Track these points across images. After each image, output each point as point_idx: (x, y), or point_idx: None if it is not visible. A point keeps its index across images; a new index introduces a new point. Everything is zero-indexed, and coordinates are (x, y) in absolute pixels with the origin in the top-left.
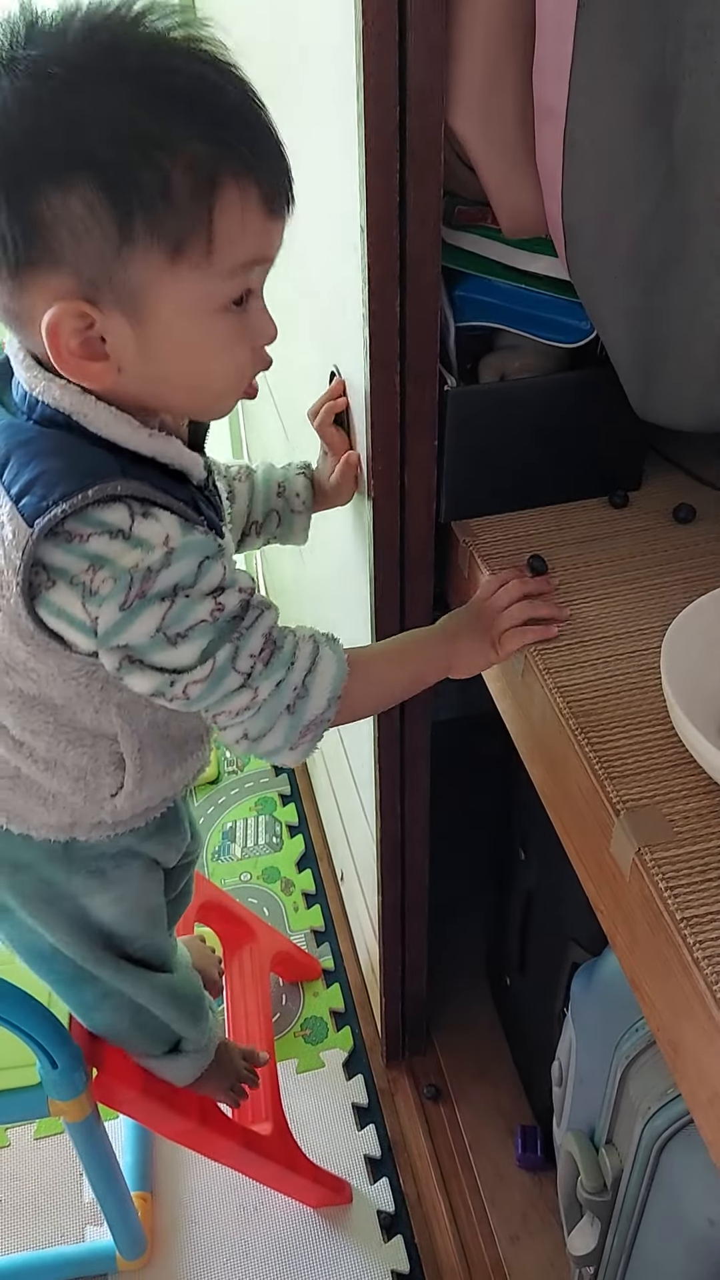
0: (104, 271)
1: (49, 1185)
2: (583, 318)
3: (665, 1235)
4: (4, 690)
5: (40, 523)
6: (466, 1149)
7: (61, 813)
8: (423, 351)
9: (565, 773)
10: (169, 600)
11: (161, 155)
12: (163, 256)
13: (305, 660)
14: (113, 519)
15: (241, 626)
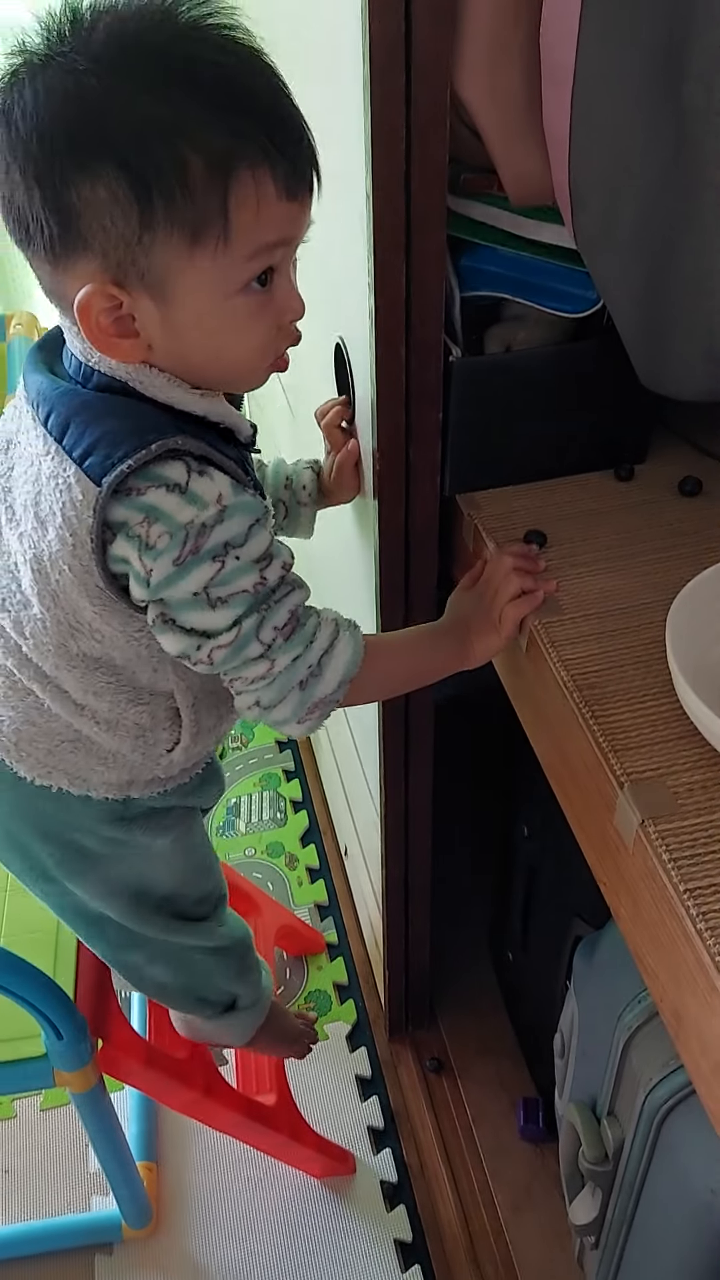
0: (129, 256)
1: (55, 1155)
2: (589, 287)
3: (666, 1204)
4: (69, 654)
5: (108, 480)
6: (469, 1121)
7: (120, 770)
8: (428, 322)
9: (569, 746)
10: (220, 560)
11: (179, 145)
12: (182, 243)
13: (324, 640)
14: (171, 474)
15: (273, 599)
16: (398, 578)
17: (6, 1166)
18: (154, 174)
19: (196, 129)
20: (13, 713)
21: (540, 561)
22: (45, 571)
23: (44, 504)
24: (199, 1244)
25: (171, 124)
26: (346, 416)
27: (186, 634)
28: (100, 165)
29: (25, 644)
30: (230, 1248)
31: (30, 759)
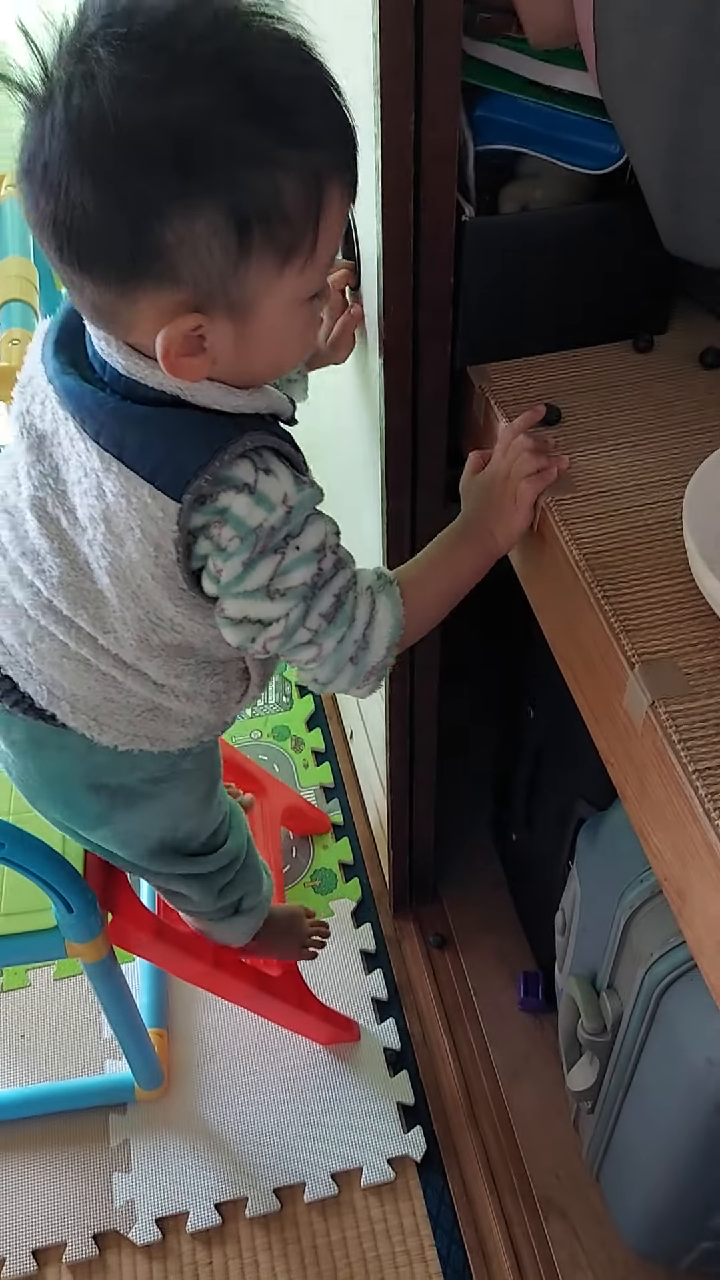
0: (221, 286)
1: (69, 1022)
2: (612, 140)
3: (663, 1073)
4: (150, 645)
5: (188, 496)
6: (470, 993)
7: (196, 727)
8: (439, 177)
9: (580, 627)
10: (280, 553)
11: (275, 173)
12: (274, 265)
13: (364, 614)
14: (240, 475)
15: (319, 587)
16: (405, 454)
17: (24, 1032)
18: (254, 205)
19: (284, 151)
20: (88, 692)
21: (550, 439)
22: (125, 578)
23: (117, 520)
24: (208, 1105)
25: (262, 151)
26: (351, 282)
27: (249, 625)
28: (200, 200)
29: (103, 638)
30: (239, 1108)
31: (113, 730)
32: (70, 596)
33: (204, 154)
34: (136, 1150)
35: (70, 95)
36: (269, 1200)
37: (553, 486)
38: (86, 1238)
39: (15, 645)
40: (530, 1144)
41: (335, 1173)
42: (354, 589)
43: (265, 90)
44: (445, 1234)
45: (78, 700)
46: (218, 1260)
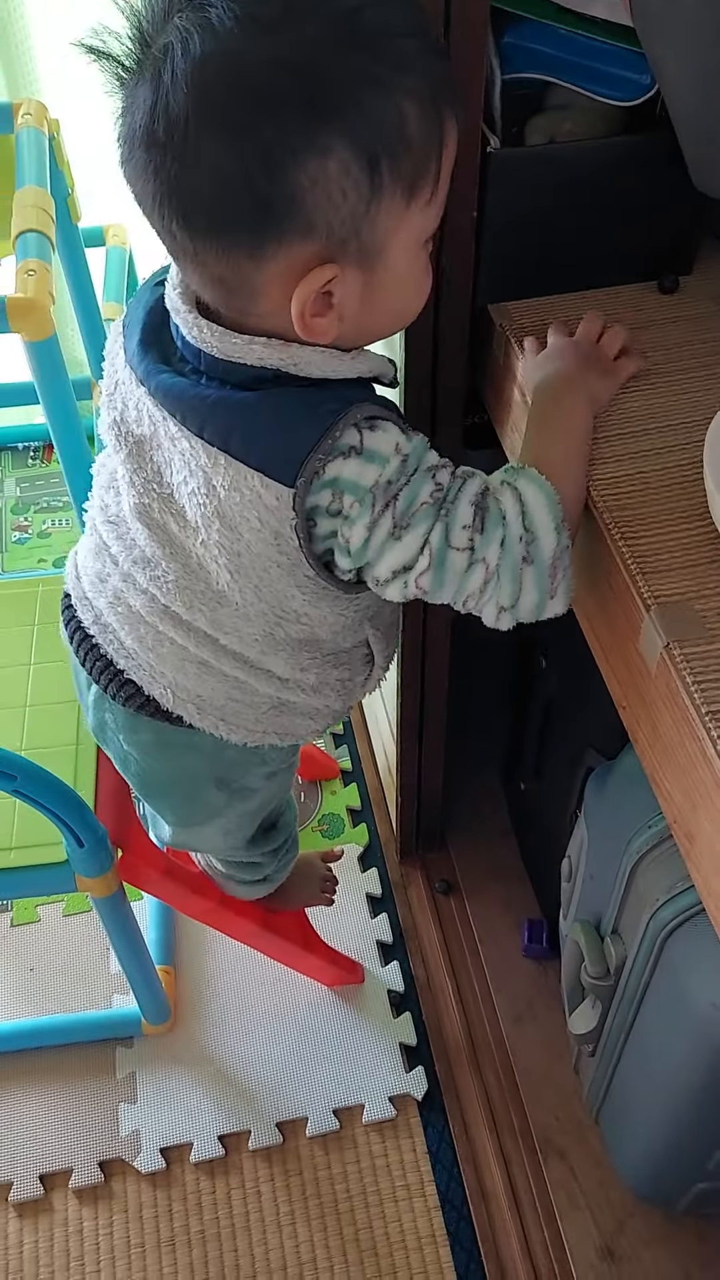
0: (354, 229)
1: (78, 958)
2: (643, 71)
3: (666, 1017)
4: (275, 640)
5: (301, 480)
6: (475, 938)
7: (323, 718)
8: (465, 105)
9: (596, 569)
10: (396, 498)
11: (397, 98)
12: (401, 201)
13: (514, 506)
14: (346, 440)
15: (447, 502)
16: (424, 394)
17: (33, 965)
18: (377, 134)
19: (401, 74)
20: (212, 693)
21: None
22: (248, 572)
23: (232, 514)
24: (214, 1040)
25: (381, 76)
26: None
27: (399, 575)
28: (328, 140)
29: (224, 638)
30: (243, 1044)
31: (241, 729)
32: (186, 600)
33: (328, 87)
34: (142, 1082)
35: (188, 45)
36: (271, 1133)
37: None
38: (93, 1165)
39: (137, 650)
40: (531, 1086)
41: (337, 1109)
42: (489, 491)
43: (374, 19)
44: (445, 1171)
45: (203, 701)
46: (220, 1190)
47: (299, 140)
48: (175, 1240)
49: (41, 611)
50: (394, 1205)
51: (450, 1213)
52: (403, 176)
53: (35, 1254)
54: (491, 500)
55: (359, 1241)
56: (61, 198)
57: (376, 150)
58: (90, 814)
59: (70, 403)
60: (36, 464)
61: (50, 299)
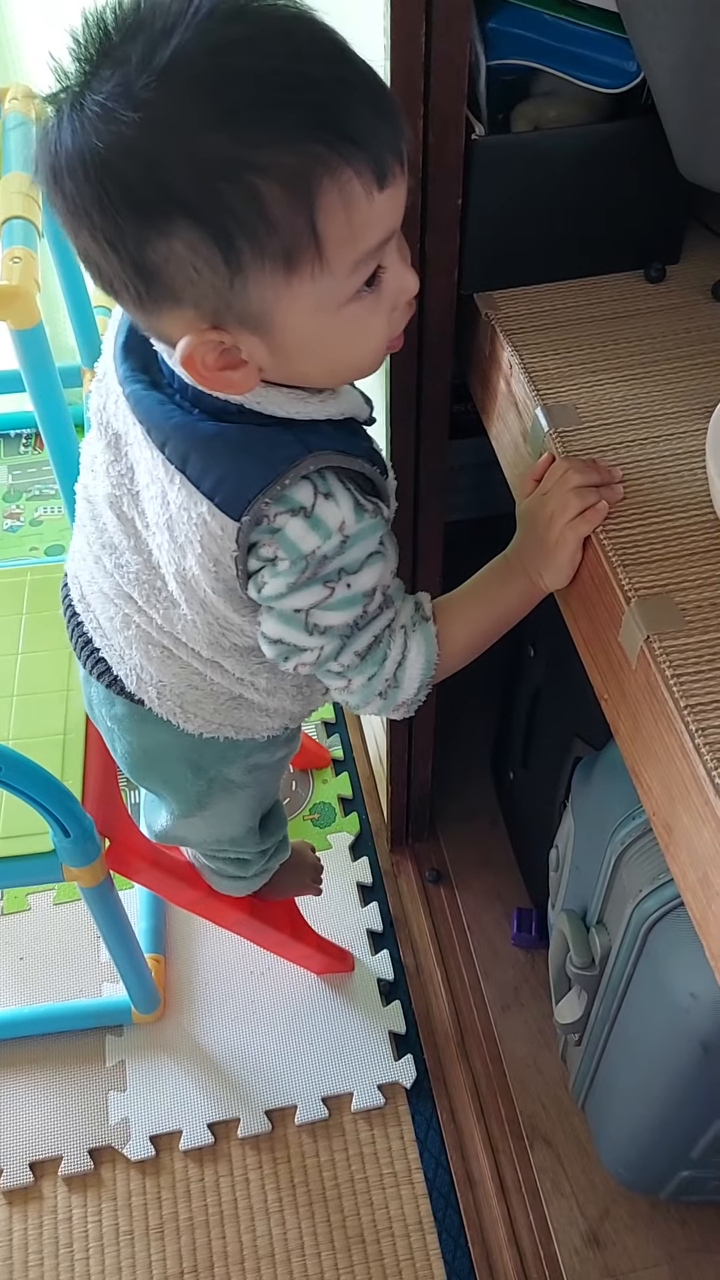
0: (223, 302)
1: (68, 946)
2: (629, 57)
3: (648, 1006)
4: (222, 647)
5: (247, 518)
6: (464, 927)
7: (281, 717)
8: (448, 91)
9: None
10: (331, 586)
11: (248, 176)
12: (277, 275)
13: (396, 654)
14: (299, 497)
15: (356, 630)
16: (409, 384)
17: (22, 954)
18: (229, 216)
19: (261, 154)
20: (174, 679)
21: (613, 470)
22: (189, 586)
23: (179, 531)
24: (203, 1029)
25: (232, 157)
26: None
27: (283, 645)
28: (170, 222)
29: (177, 633)
30: (233, 1033)
31: (198, 718)
32: (144, 594)
33: (171, 173)
34: (132, 1070)
35: (60, 128)
36: (260, 1121)
37: (555, 418)
38: (82, 1152)
39: (108, 629)
40: (518, 1074)
41: (326, 1096)
42: (390, 627)
43: (231, 91)
44: (432, 1158)
45: (164, 687)
46: (209, 1177)
47: (141, 224)
48: (164, 1227)
49: (30, 601)
50: (382, 1192)
51: (437, 1199)
52: (271, 254)
53: (25, 1241)
54: (385, 638)
55: (347, 1228)
56: None
57: (229, 230)
58: (76, 804)
59: (57, 391)
60: (28, 451)
61: (36, 286)
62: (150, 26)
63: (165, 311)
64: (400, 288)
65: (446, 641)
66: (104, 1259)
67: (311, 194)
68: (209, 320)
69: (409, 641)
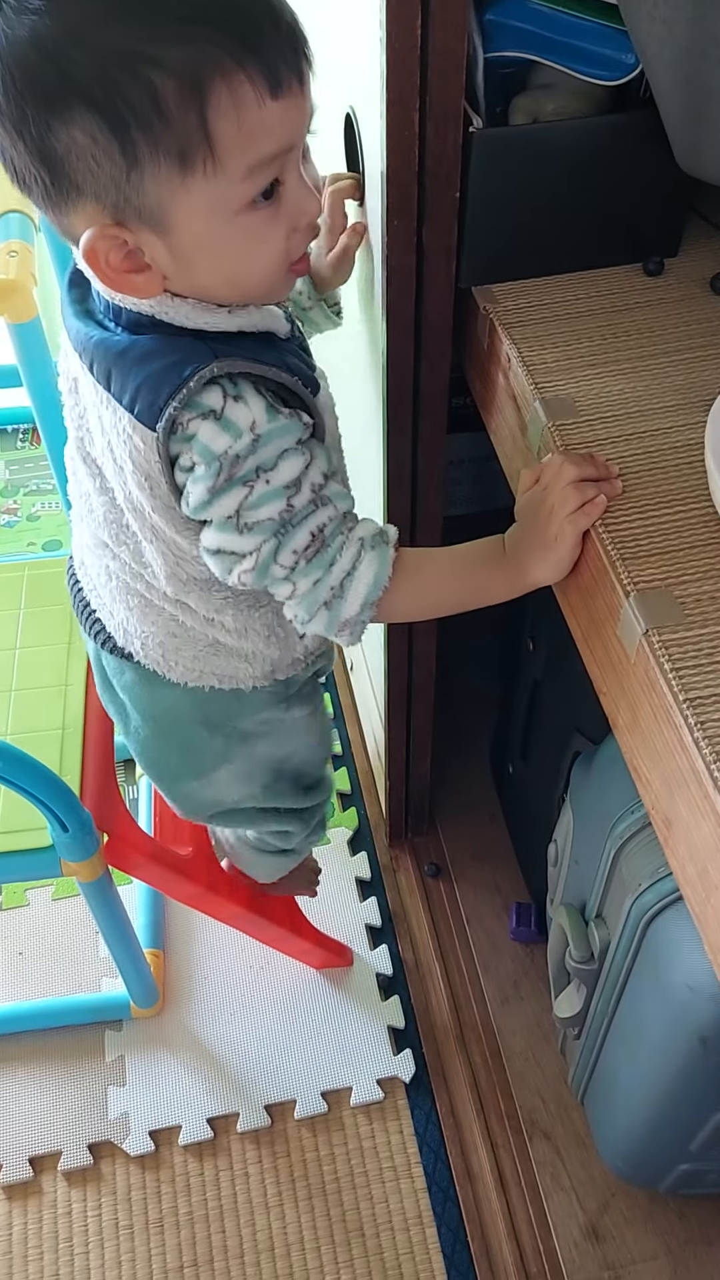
0: (121, 194)
1: (67, 941)
2: (627, 50)
3: (647, 1000)
4: (181, 580)
5: (160, 424)
6: (463, 921)
7: (262, 664)
8: (447, 85)
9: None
10: (249, 485)
11: (143, 70)
12: (172, 172)
13: (346, 562)
14: (209, 401)
15: (293, 522)
16: (406, 378)
17: (21, 950)
18: (125, 107)
19: (157, 48)
20: (153, 628)
21: (610, 465)
22: (138, 511)
23: (117, 452)
24: (202, 1024)
25: (130, 50)
26: (355, 194)
27: (224, 556)
28: (71, 109)
29: (145, 572)
30: (232, 1027)
31: (179, 667)
32: (113, 533)
33: (72, 62)
34: (131, 1065)
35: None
36: (260, 1116)
37: (554, 411)
38: (81, 1147)
39: (98, 585)
40: (517, 1068)
41: (325, 1091)
42: (343, 533)
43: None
44: (431, 1153)
45: (147, 638)
46: (209, 1172)
47: (45, 110)
48: (164, 1221)
49: (29, 596)
50: (381, 1186)
51: (437, 1193)
52: (165, 147)
53: (24, 1235)
54: (336, 542)
55: (346, 1222)
56: None
57: (124, 121)
58: (75, 799)
59: (54, 386)
60: (25, 446)
61: (33, 280)
62: None
63: (70, 203)
64: (300, 209)
65: (404, 577)
66: (103, 1253)
67: (203, 91)
68: (111, 215)
69: (363, 554)
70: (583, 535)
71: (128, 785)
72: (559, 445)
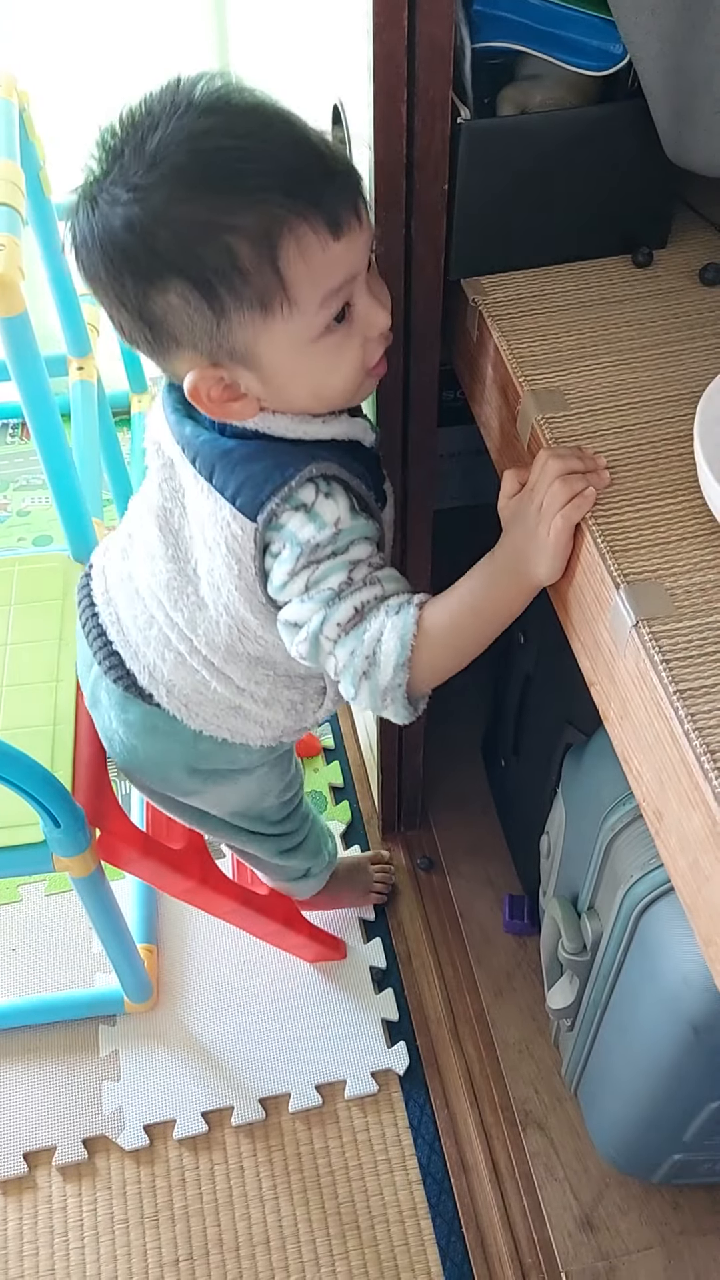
0: (215, 342)
1: (60, 937)
2: (615, 39)
3: (640, 991)
4: (236, 653)
5: (261, 517)
6: (456, 914)
7: (274, 729)
8: (434, 76)
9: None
10: (320, 563)
11: (222, 237)
12: (255, 316)
13: (375, 629)
14: (303, 496)
15: (339, 598)
16: (397, 371)
17: (14, 945)
18: (210, 271)
19: (230, 216)
20: (182, 681)
21: (596, 457)
22: (218, 587)
23: (209, 534)
24: (196, 1018)
25: (207, 221)
26: None
27: (287, 627)
28: (165, 280)
29: (197, 639)
30: (226, 1021)
31: (199, 717)
32: (173, 599)
33: (159, 239)
34: (125, 1060)
35: (79, 215)
36: (254, 1109)
37: (543, 404)
38: (76, 1142)
39: (130, 627)
40: (511, 1060)
41: (319, 1084)
42: (378, 606)
43: (204, 166)
44: (426, 1144)
45: (173, 687)
46: (204, 1166)
47: (142, 283)
48: (159, 1215)
49: (19, 592)
50: (376, 1179)
51: (431, 1185)
52: (248, 299)
53: (19, 1230)
54: (369, 615)
55: (341, 1215)
56: (33, 171)
57: (210, 281)
58: (67, 794)
59: (43, 380)
60: (15, 441)
61: (20, 274)
62: (142, 125)
63: (172, 354)
64: (369, 323)
65: (428, 629)
66: (99, 1247)
67: (274, 246)
68: (208, 358)
69: (388, 619)
70: (575, 529)
71: (119, 780)
72: (549, 438)
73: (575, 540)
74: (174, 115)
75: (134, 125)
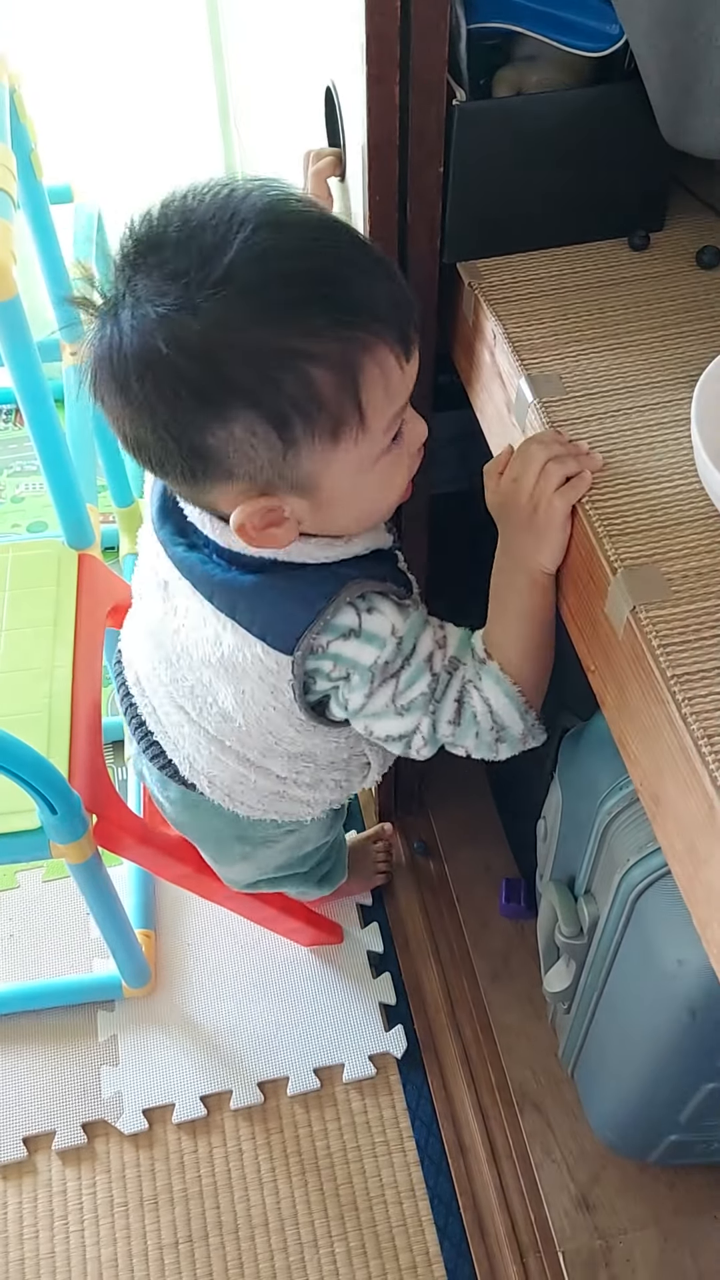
0: (276, 473)
1: (58, 923)
2: (611, 20)
3: (636, 974)
4: (276, 753)
5: (299, 652)
6: (453, 899)
7: (320, 806)
8: (429, 57)
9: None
10: (397, 676)
11: (301, 366)
12: (325, 445)
13: (482, 707)
14: (345, 622)
15: (434, 699)
16: None
17: (12, 931)
18: (287, 402)
19: (310, 343)
20: (221, 773)
21: (578, 444)
22: (247, 705)
23: (236, 664)
24: (194, 1003)
25: (285, 347)
26: (338, 172)
27: (394, 741)
28: (232, 410)
29: (228, 740)
30: (224, 1006)
31: (245, 805)
32: (197, 707)
33: (228, 366)
34: (124, 1045)
35: (114, 334)
36: (253, 1093)
37: (540, 388)
38: (75, 1127)
39: (165, 721)
40: (508, 1042)
41: (318, 1068)
42: (469, 687)
43: (276, 292)
44: (424, 1127)
45: (214, 778)
46: (203, 1149)
47: (198, 414)
48: (158, 1199)
49: (14, 578)
50: (374, 1161)
51: (429, 1167)
52: (320, 429)
53: (19, 1214)
54: (466, 699)
55: (339, 1197)
56: (24, 153)
57: (285, 412)
58: (63, 781)
59: (36, 365)
60: (9, 427)
61: (12, 258)
62: (200, 240)
63: (216, 486)
64: (415, 437)
65: (507, 664)
66: (99, 1231)
67: (356, 373)
68: (260, 490)
69: (482, 690)
70: (570, 512)
71: (116, 767)
72: (546, 422)
73: (572, 524)
74: (238, 231)
75: (188, 236)
